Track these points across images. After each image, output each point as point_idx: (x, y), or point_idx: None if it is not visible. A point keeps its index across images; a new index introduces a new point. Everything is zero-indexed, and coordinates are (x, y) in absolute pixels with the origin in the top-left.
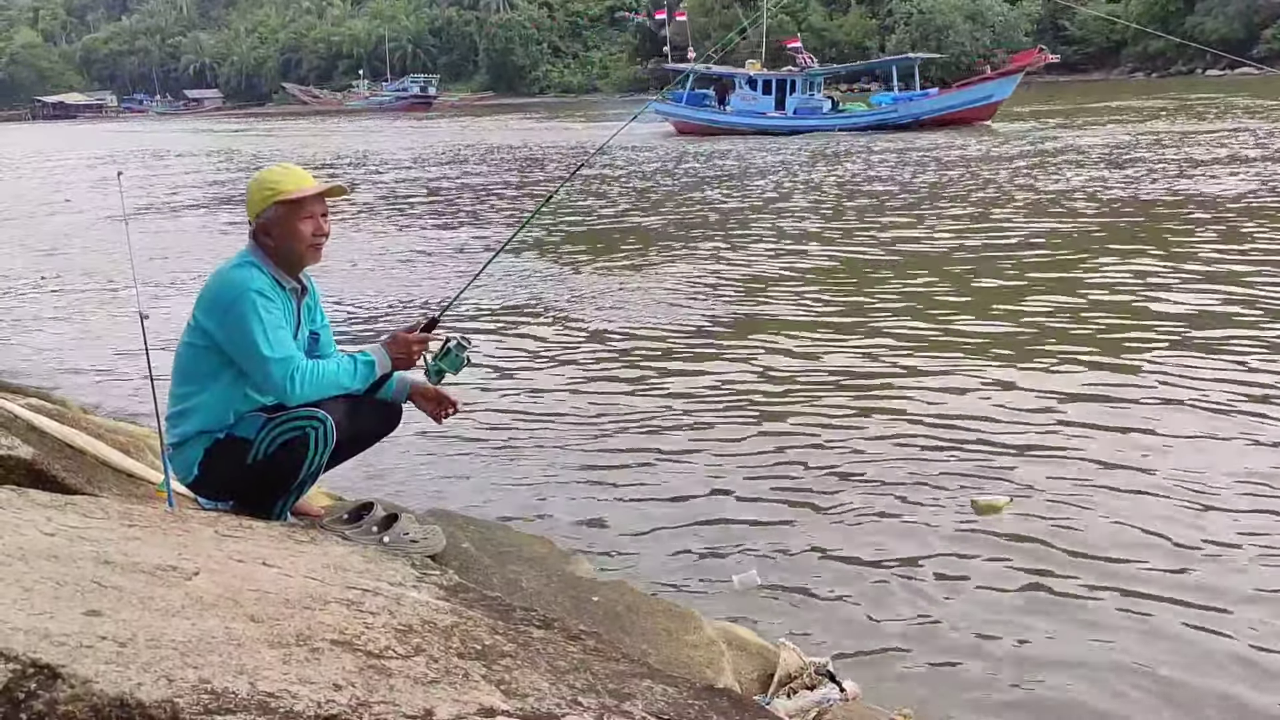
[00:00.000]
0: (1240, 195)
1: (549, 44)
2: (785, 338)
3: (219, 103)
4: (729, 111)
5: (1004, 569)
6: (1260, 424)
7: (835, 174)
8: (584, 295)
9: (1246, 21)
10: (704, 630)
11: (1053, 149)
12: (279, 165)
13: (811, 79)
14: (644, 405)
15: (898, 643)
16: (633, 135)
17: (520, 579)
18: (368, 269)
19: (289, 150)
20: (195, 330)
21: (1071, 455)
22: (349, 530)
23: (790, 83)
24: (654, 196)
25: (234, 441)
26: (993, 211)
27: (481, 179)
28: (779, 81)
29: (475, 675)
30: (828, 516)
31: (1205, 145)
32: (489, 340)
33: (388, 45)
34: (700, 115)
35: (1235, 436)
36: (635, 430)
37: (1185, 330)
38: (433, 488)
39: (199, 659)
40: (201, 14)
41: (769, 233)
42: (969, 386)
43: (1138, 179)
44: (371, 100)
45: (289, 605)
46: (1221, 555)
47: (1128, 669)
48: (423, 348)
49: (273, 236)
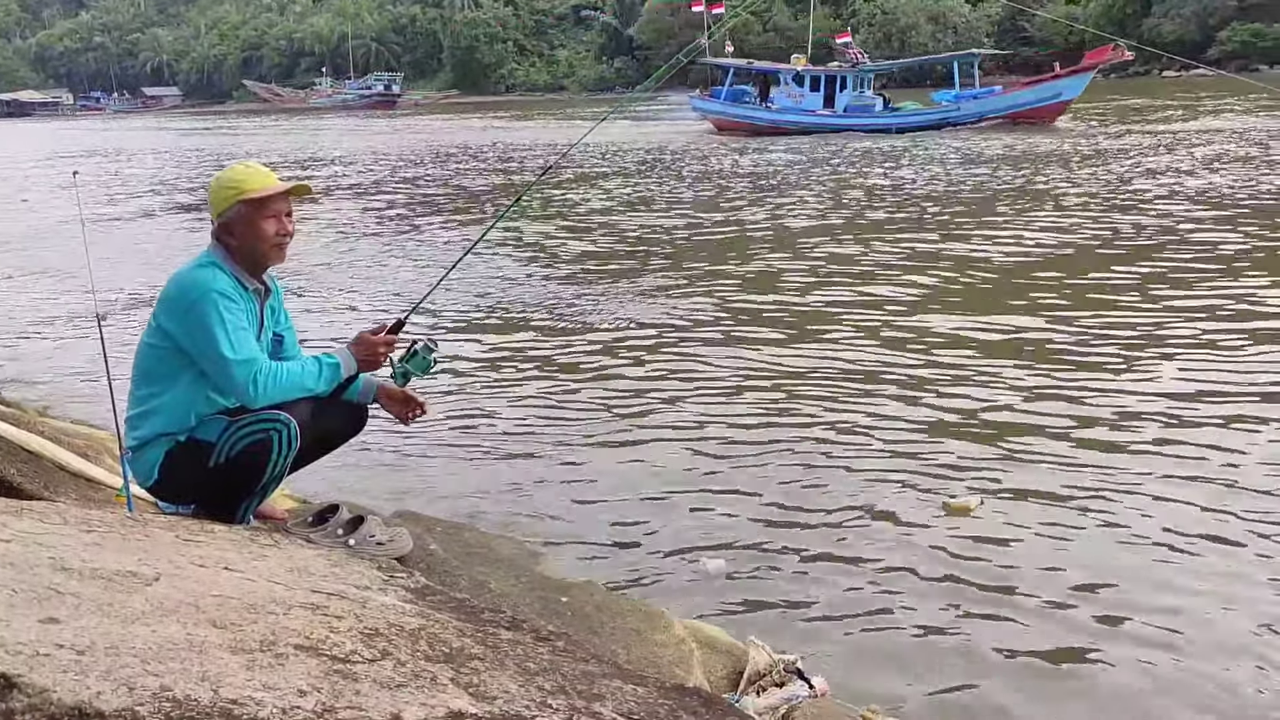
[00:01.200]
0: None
1: (514, 42)
2: (762, 338)
3: (178, 100)
4: (773, 109)
5: (975, 569)
6: (1239, 424)
7: (902, 177)
8: (563, 298)
9: (1201, 24)
10: (673, 629)
11: (1134, 149)
12: (241, 164)
13: (863, 76)
14: (613, 405)
15: (867, 640)
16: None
17: (488, 580)
18: (335, 270)
19: (252, 149)
20: (155, 331)
21: (1045, 457)
22: (314, 533)
23: (841, 79)
24: (689, 199)
25: (195, 444)
26: (1039, 214)
27: (457, 178)
28: (828, 78)
29: (443, 678)
30: (800, 516)
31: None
32: (458, 341)
33: (351, 43)
34: (742, 113)
35: (1212, 441)
36: (604, 430)
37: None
38: (399, 489)
39: (160, 666)
40: (160, 10)
41: (768, 234)
42: (951, 388)
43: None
44: (335, 98)
45: (252, 610)
46: (1191, 556)
47: (1097, 670)
48: (389, 349)
49: (235, 236)
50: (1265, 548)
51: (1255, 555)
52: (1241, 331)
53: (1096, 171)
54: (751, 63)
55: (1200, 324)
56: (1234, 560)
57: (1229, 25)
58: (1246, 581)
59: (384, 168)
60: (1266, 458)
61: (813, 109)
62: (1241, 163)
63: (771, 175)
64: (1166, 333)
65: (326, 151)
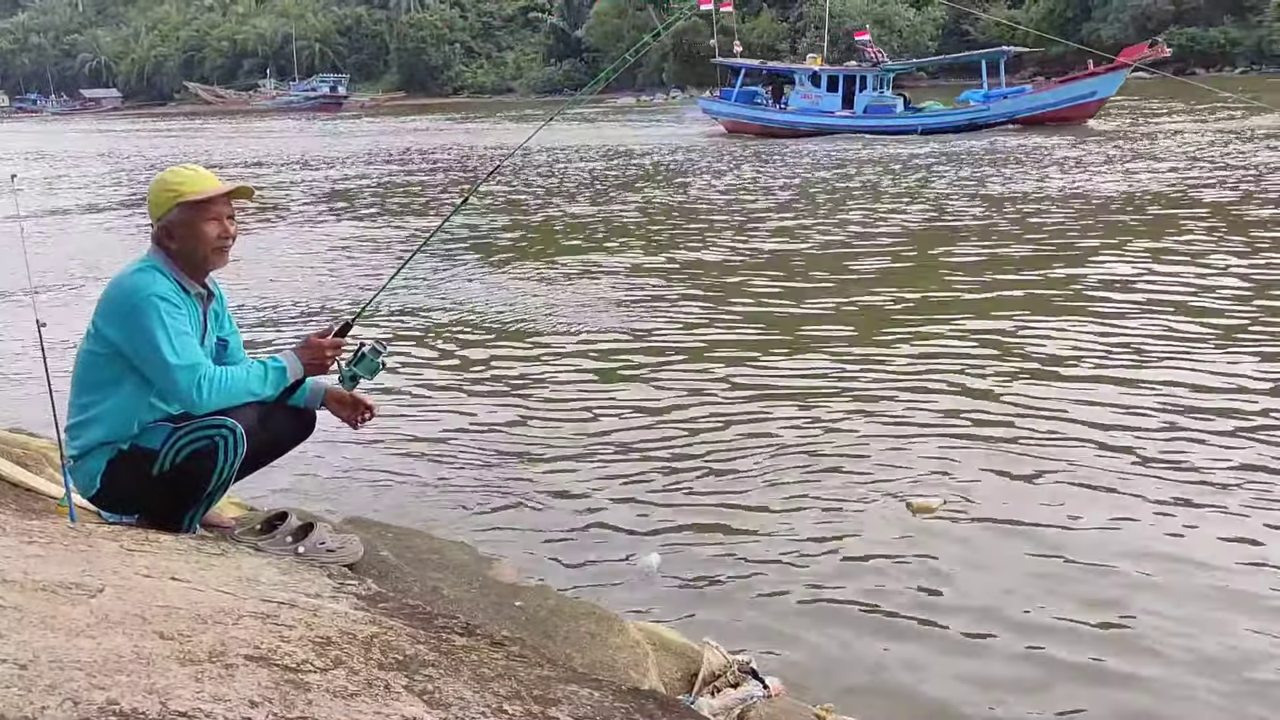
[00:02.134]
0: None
1: (461, 44)
2: (722, 344)
3: (117, 102)
4: (789, 110)
5: (934, 569)
6: (1206, 425)
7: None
8: (517, 306)
9: (1140, 28)
10: (628, 632)
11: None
12: (181, 166)
13: (884, 75)
14: (564, 408)
15: (822, 640)
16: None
17: (441, 586)
18: (282, 273)
19: (195, 151)
20: (95, 337)
21: (1011, 456)
22: (262, 541)
23: (860, 79)
24: (696, 206)
25: (138, 452)
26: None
27: (407, 179)
28: (847, 77)
29: (397, 686)
30: (758, 517)
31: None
32: (406, 345)
33: (295, 44)
34: (756, 114)
35: (1172, 440)
36: (555, 433)
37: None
38: (349, 496)
39: (106, 679)
40: (99, 11)
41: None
42: (913, 386)
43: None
44: (279, 100)
45: (200, 621)
46: (1148, 554)
47: (1056, 668)
48: (336, 352)
49: (175, 239)
50: (1212, 533)
51: (1209, 542)
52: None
53: (1163, 173)
54: (765, 63)
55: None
56: (1185, 545)
57: (1167, 29)
58: (1194, 567)
59: (334, 170)
60: (1238, 462)
61: (831, 110)
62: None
63: (798, 181)
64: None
65: (274, 153)
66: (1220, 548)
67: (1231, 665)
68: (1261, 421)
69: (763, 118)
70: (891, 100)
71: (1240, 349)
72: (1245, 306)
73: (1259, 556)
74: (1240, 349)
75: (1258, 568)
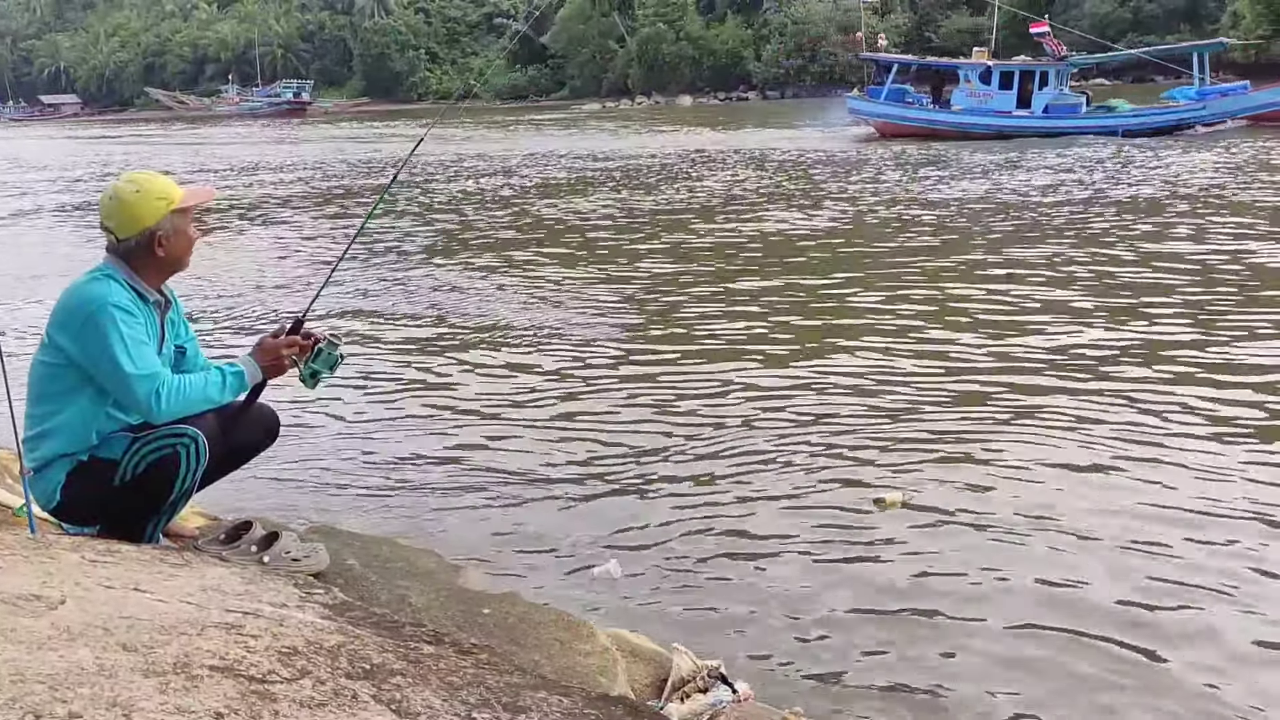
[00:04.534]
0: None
1: (426, 50)
2: (692, 341)
3: (77, 108)
4: (956, 110)
5: (897, 567)
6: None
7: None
8: (483, 309)
9: (1100, 34)
10: (597, 638)
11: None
12: (141, 173)
13: (1066, 71)
14: (529, 412)
15: (790, 643)
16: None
17: (408, 594)
18: (247, 276)
19: (159, 158)
20: (49, 348)
21: (975, 451)
22: (226, 551)
23: (1040, 74)
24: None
25: (98, 463)
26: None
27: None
28: (1024, 73)
29: (364, 695)
30: (725, 521)
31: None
32: (368, 348)
33: (258, 50)
34: (917, 115)
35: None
36: (522, 438)
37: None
38: (314, 504)
39: (68, 692)
40: (57, 16)
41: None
42: (880, 385)
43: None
44: (242, 106)
45: (164, 632)
46: (1106, 547)
47: (1016, 666)
48: (292, 351)
49: (165, 247)
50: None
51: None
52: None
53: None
54: (925, 57)
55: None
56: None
57: (1125, 37)
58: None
59: (298, 175)
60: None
61: (1004, 109)
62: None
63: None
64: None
65: (243, 159)
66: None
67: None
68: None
69: (925, 119)
70: (1074, 99)
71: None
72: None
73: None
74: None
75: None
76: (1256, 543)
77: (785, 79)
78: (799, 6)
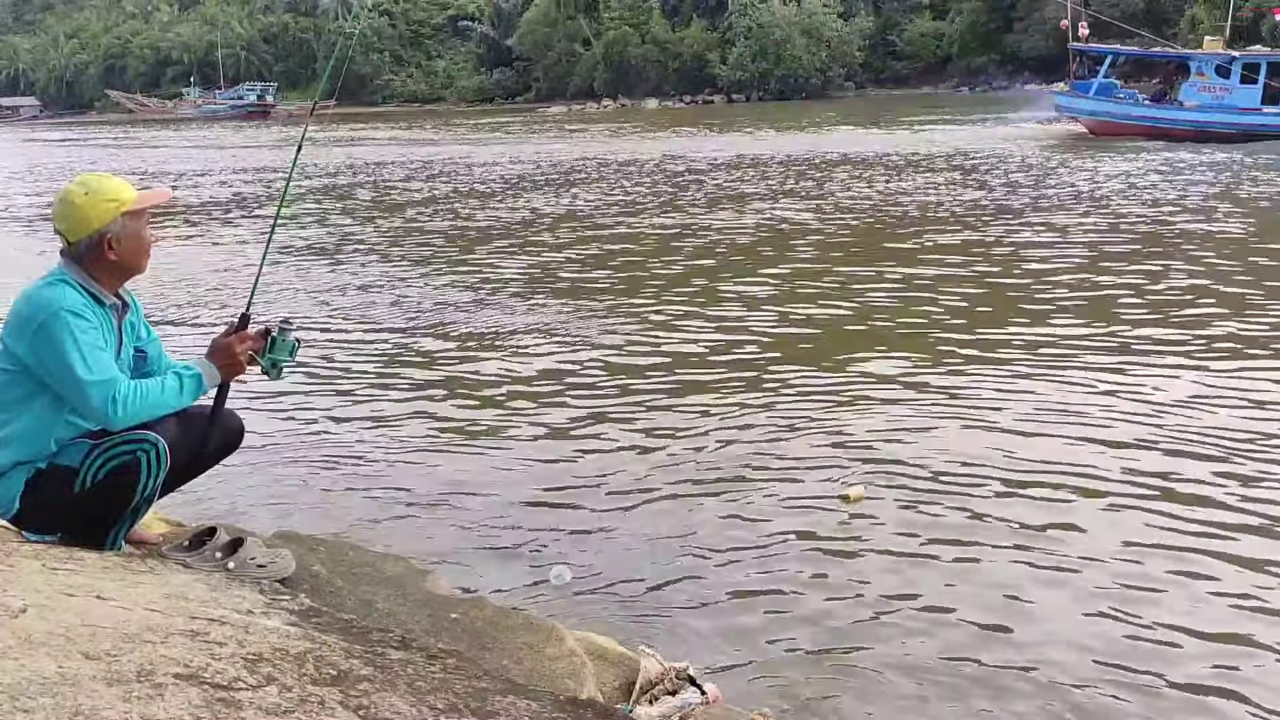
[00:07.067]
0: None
1: (390, 53)
2: (659, 339)
3: (36, 111)
4: (1188, 107)
5: (862, 564)
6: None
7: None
8: (453, 315)
9: (1061, 39)
10: (565, 642)
11: None
12: (93, 175)
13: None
14: (495, 417)
15: (758, 645)
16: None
17: (375, 600)
18: (201, 278)
19: (118, 160)
20: (4, 355)
21: (939, 446)
22: (190, 557)
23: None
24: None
25: (58, 471)
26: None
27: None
28: (1271, 65)
29: (331, 702)
30: (690, 521)
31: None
32: (332, 355)
33: (220, 52)
34: (1139, 112)
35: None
36: (487, 441)
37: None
38: (280, 509)
39: (30, 702)
40: (15, 18)
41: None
42: (841, 380)
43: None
44: (205, 108)
45: (128, 639)
46: (1073, 539)
47: (989, 668)
48: (246, 347)
49: (118, 250)
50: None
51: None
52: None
53: None
54: (1149, 49)
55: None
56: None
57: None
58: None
59: (250, 178)
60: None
61: (1248, 106)
62: None
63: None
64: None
65: (211, 163)
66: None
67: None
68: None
69: (1150, 117)
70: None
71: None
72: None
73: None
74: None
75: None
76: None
77: (750, 83)
78: (764, 11)
